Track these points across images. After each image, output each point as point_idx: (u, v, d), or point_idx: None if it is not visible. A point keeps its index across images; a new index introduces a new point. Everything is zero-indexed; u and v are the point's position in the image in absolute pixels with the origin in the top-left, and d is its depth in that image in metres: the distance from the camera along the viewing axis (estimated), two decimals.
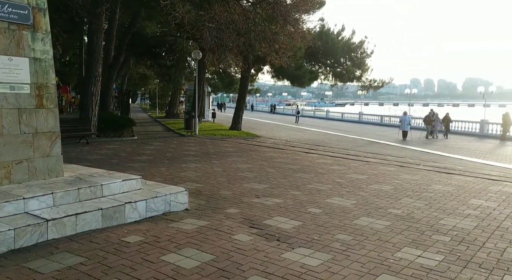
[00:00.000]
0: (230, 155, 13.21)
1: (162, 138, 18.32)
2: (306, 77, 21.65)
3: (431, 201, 7.62)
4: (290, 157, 13.38)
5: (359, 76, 22.91)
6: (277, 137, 23.22)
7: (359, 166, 11.86)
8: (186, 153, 13.33)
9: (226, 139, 19.55)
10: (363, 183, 9.21)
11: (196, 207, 6.79)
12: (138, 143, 15.86)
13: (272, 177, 9.57)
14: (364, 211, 6.73)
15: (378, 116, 43.14)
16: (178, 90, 36.65)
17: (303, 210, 6.71)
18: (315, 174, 10.21)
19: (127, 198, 6.06)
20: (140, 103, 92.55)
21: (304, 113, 58.26)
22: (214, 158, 12.40)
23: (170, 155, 12.87)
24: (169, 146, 15.20)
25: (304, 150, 15.98)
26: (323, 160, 12.79)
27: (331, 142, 21.67)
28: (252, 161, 12.01)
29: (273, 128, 31.31)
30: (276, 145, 17.78)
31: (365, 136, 26.85)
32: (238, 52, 15.67)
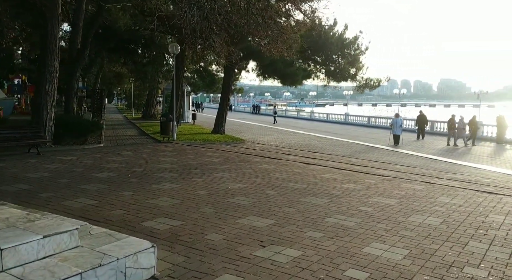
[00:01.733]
0: (215, 169, 10.59)
1: (134, 145, 15.51)
2: (299, 74, 19.17)
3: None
4: (289, 170, 10.87)
5: (353, 74, 20.64)
6: (265, 142, 20.70)
7: (377, 183, 9.45)
8: (160, 167, 10.63)
9: (209, 146, 16.89)
10: (397, 212, 6.77)
11: (170, 272, 4.19)
12: (104, 153, 13.04)
13: (275, 205, 7.03)
14: (436, 274, 4.26)
15: (365, 117, 41.23)
16: (155, 89, 33.64)
17: (339, 275, 4.19)
18: (329, 197, 7.72)
19: (42, 275, 3.39)
20: (116, 103, 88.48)
21: (288, 114, 56.00)
22: (196, 174, 9.76)
23: (141, 170, 10.15)
24: (140, 157, 12.45)
25: (301, 159, 13.50)
26: (330, 175, 10.33)
27: (325, 147, 19.29)
28: (244, 178, 9.44)
29: (258, 131, 28.77)
30: (267, 153, 15.26)
31: (357, 139, 24.66)
32: (224, 45, 13.06)
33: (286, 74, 18.06)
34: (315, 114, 49.07)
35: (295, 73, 18.36)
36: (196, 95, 70.44)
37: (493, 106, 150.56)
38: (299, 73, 18.94)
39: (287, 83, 20.12)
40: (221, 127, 23.01)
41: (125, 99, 62.80)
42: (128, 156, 12.47)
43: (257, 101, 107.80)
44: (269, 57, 16.26)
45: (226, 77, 23.09)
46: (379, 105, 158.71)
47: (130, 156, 12.40)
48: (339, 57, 21.52)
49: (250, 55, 17.87)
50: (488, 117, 37.66)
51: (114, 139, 18.05)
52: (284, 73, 17.87)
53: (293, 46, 13.53)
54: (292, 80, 19.41)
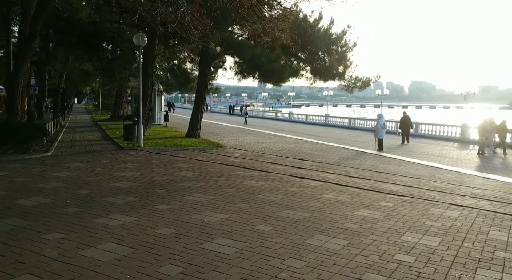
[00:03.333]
0: (187, 188, 8.15)
1: (90, 154, 12.82)
2: (286, 71, 16.85)
3: None
4: (280, 188, 8.55)
5: (341, 73, 18.60)
6: (245, 147, 18.34)
7: (397, 207, 7.27)
8: (115, 187, 8.09)
9: (181, 153, 14.38)
10: (454, 265, 4.57)
11: None
12: (47, 165, 10.34)
13: (275, 253, 4.69)
14: None
15: (346, 119, 39.52)
16: (124, 88, 30.67)
17: None
18: (347, 235, 5.44)
19: None
20: (86, 103, 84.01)
21: (266, 115, 53.86)
22: (160, 197, 7.30)
23: (87, 191, 7.59)
24: (93, 171, 9.83)
25: (291, 171, 11.23)
26: (333, 195, 8.09)
27: (312, 153, 17.13)
28: (225, 203, 7.06)
29: (237, 134, 26.37)
30: (250, 162, 12.91)
31: (342, 142, 22.68)
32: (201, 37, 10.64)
33: (270, 71, 15.76)
34: (294, 116, 47.08)
35: (280, 69, 16.07)
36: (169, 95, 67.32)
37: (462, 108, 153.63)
38: (285, 70, 16.67)
39: (271, 81, 17.86)
40: (195, 130, 20.49)
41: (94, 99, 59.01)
42: (77, 170, 9.83)
43: (233, 101, 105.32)
44: (251, 50, 13.94)
45: (201, 76, 20.58)
46: (353, 106, 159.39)
47: (79, 170, 9.76)
48: (325, 54, 19.42)
49: (229, 49, 15.46)
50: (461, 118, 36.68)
51: (69, 145, 15.25)
52: (268, 69, 15.54)
53: (282, 37, 11.22)
54: (277, 77, 17.13)
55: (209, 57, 20.38)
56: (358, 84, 18.73)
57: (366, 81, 18.89)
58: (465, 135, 26.27)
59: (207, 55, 20.31)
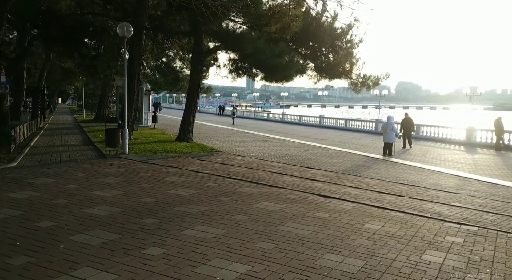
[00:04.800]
0: (186, 216, 6.12)
1: (64, 164, 10.63)
2: (292, 68, 14.82)
3: None
4: (305, 213, 6.57)
5: (348, 70, 16.76)
6: (243, 152, 16.36)
7: (472, 247, 5.39)
8: (88, 215, 6.00)
9: (173, 162, 12.32)
10: None
11: None
12: (6, 181, 8.16)
13: None
14: None
15: (341, 120, 37.84)
16: (109, 87, 28.31)
17: None
18: None
19: None
20: (70, 103, 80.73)
21: (257, 116, 51.90)
22: (150, 233, 5.26)
23: (48, 224, 5.48)
24: (63, 189, 7.70)
25: (305, 184, 9.28)
26: (378, 225, 6.14)
27: (319, 159, 15.26)
28: (241, 243, 5.05)
29: (231, 136, 24.34)
30: (254, 172, 10.94)
31: (345, 146, 20.90)
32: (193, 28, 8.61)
33: (275, 67, 13.73)
34: (287, 117, 45.22)
35: (287, 66, 14.06)
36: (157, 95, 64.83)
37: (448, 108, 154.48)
38: (292, 66, 14.68)
39: (275, 79, 15.89)
40: (187, 133, 18.41)
41: (78, 99, 56.14)
42: (43, 188, 7.68)
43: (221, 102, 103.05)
44: (252, 44, 11.96)
45: (193, 74, 18.50)
46: (341, 107, 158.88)
47: (46, 188, 7.62)
48: (329, 50, 17.55)
49: (226, 43, 13.41)
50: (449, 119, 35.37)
51: (42, 152, 13.01)
52: (272, 65, 13.50)
53: (293, 26, 9.29)
54: (282, 75, 15.11)
55: (201, 54, 18.33)
56: (368, 83, 16.89)
57: (375, 80, 17.07)
58: (471, 138, 24.75)
59: (199, 51, 18.26)
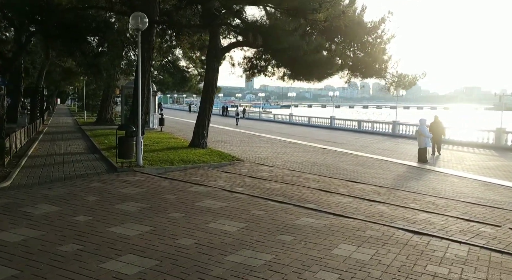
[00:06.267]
0: (247, 274, 4.25)
1: (70, 181, 8.72)
2: (334, 65, 12.71)
3: None
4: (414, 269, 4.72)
5: (383, 68, 14.92)
6: (266, 160, 14.50)
7: None
8: (110, 275, 4.12)
9: (196, 175, 10.46)
10: None
11: None
12: None
13: None
14: None
15: (354, 122, 36.02)
16: (112, 87, 26.35)
17: None
18: None
19: None
20: (70, 104, 78.57)
21: (263, 117, 50.01)
22: None
23: None
24: (71, 223, 5.81)
25: (371, 210, 7.41)
26: None
27: (354, 169, 13.43)
28: None
29: (244, 140, 22.47)
30: (295, 190, 9.09)
31: (371, 151, 19.10)
32: None
33: (312, 64, 11.65)
34: (295, 118, 43.34)
35: (327, 62, 12.11)
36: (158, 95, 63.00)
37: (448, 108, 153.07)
38: (333, 63, 12.69)
39: (310, 78, 13.89)
40: (202, 138, 16.50)
41: (78, 99, 54.08)
42: (43, 221, 5.78)
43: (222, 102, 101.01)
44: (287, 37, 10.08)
45: (209, 72, 16.62)
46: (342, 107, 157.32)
47: (48, 223, 5.72)
48: (358, 46, 15.70)
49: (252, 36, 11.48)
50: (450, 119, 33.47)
51: (42, 163, 11.08)
52: (309, 62, 11.50)
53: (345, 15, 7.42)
54: (321, 73, 13.08)
55: (218, 50, 16.45)
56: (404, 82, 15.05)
57: (412, 79, 15.24)
58: (500, 141, 22.94)
59: (215, 47, 16.38)
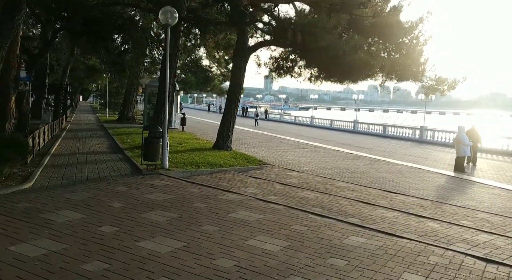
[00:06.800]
0: None
1: (93, 184, 8.20)
2: (374, 66, 11.76)
3: None
4: None
5: (421, 70, 13.99)
6: (293, 165, 13.77)
7: None
8: None
9: (224, 180, 9.84)
10: None
11: None
12: (16, 217, 5.74)
13: None
14: None
15: (378, 126, 34.88)
16: (135, 85, 26.06)
17: None
18: None
19: None
20: (92, 101, 79.49)
21: (283, 119, 49.24)
22: None
23: None
24: (96, 234, 5.23)
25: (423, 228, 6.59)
26: None
27: (390, 178, 12.57)
28: None
29: (267, 143, 21.79)
30: (332, 200, 8.35)
31: (401, 158, 18.17)
32: None
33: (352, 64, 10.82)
34: (316, 120, 42.39)
35: (367, 62, 11.22)
36: None
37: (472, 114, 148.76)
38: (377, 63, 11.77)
39: (346, 79, 13.09)
40: (226, 140, 15.89)
41: (100, 97, 54.42)
42: (66, 231, 5.22)
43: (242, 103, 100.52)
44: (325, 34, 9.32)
45: (236, 71, 16.01)
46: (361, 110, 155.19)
47: (71, 233, 5.16)
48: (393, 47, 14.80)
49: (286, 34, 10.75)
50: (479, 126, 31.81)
51: (64, 163, 10.65)
52: (348, 62, 10.66)
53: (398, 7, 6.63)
54: (358, 74, 12.20)
55: (245, 49, 15.84)
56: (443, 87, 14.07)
57: (452, 83, 14.25)
58: None
59: (243, 46, 15.77)
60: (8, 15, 9.64)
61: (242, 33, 15.80)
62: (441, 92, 14.50)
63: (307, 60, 13.86)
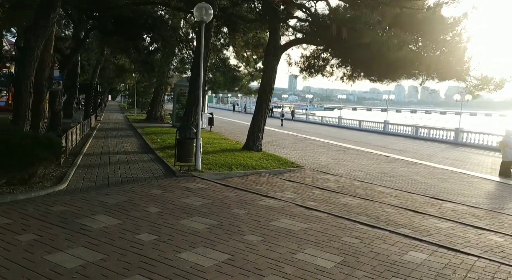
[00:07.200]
0: None
1: (128, 186, 7.92)
2: (420, 64, 11.04)
3: None
4: None
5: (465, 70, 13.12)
6: (327, 168, 13.20)
7: None
8: None
9: (258, 183, 9.41)
10: None
11: None
12: (51, 222, 5.48)
13: None
14: None
15: (409, 127, 33.66)
16: (164, 85, 26.03)
17: None
18: None
19: None
20: (120, 100, 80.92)
21: (309, 119, 48.43)
22: None
23: None
24: (135, 241, 4.89)
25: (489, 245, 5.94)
26: None
27: (431, 183, 11.81)
28: None
29: (297, 144, 21.24)
30: (378, 208, 7.76)
31: (438, 161, 17.27)
32: None
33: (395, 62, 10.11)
34: (344, 121, 41.41)
35: (412, 59, 10.47)
36: None
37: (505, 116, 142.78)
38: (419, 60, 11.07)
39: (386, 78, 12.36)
40: (257, 141, 15.46)
41: (129, 96, 55.19)
42: (103, 239, 4.90)
43: None
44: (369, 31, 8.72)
45: (267, 71, 15.56)
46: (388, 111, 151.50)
47: (107, 241, 4.83)
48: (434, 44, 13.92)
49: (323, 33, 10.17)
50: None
51: (97, 163, 10.48)
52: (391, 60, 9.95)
53: None
54: (401, 72, 11.51)
55: (278, 48, 15.37)
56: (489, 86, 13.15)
57: (499, 83, 13.30)
58: None
59: (275, 45, 15.31)
60: (43, 13, 9.53)
61: (274, 31, 15.34)
62: (487, 92, 13.54)
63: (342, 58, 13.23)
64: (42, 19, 9.50)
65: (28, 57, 9.31)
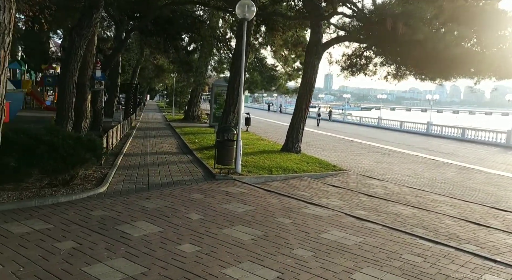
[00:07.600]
0: None
1: (168, 190, 7.67)
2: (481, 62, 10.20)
3: None
4: None
5: None
6: (372, 172, 12.46)
7: None
8: None
9: (301, 188, 8.91)
10: None
11: None
12: (90, 228, 5.27)
13: None
14: None
15: (455, 129, 31.85)
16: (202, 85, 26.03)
17: None
18: None
19: None
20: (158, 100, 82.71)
21: (347, 119, 47.16)
22: None
23: None
24: (176, 253, 4.56)
25: None
26: None
27: (489, 190, 10.82)
28: None
29: (336, 145, 20.49)
30: (437, 220, 7.04)
31: (490, 166, 16.06)
32: None
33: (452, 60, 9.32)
34: (384, 122, 39.91)
35: (473, 57, 9.67)
36: None
37: None
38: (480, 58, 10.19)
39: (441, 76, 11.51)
40: (296, 142, 14.92)
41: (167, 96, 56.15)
42: (144, 250, 4.60)
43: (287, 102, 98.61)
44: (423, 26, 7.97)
45: (308, 69, 14.99)
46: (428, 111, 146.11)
47: (148, 252, 4.52)
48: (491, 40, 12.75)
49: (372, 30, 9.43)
50: None
51: (137, 164, 10.36)
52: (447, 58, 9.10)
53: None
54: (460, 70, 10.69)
55: (319, 45, 14.76)
56: None
57: None
58: None
59: (316, 42, 14.71)
60: (87, 13, 9.51)
61: (315, 29, 14.75)
62: None
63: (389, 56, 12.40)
64: (85, 19, 9.49)
65: (72, 57, 9.31)
